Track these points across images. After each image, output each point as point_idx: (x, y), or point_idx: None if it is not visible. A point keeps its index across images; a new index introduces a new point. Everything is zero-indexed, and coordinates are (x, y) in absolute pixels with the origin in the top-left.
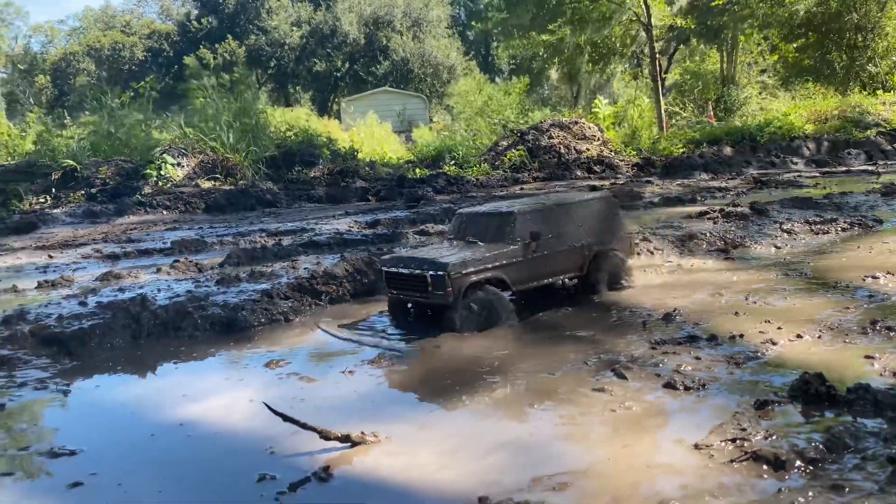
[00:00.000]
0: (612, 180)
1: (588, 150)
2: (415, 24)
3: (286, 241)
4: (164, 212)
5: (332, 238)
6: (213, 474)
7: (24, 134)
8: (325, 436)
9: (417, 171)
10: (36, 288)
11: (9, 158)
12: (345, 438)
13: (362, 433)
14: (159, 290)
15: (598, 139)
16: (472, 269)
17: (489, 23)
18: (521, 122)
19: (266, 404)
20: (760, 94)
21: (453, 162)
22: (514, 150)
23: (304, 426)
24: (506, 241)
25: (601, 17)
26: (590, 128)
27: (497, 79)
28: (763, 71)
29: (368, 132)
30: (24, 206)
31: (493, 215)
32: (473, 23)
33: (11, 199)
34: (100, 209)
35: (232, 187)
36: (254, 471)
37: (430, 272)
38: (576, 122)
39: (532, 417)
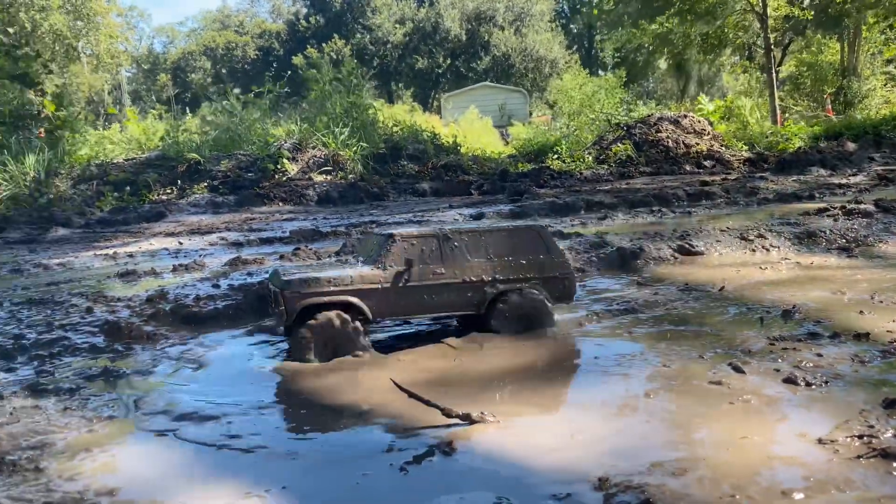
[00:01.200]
0: (724, 176)
1: (698, 144)
2: (517, 18)
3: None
4: (280, 203)
5: None
6: (342, 443)
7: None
8: (447, 413)
9: (520, 165)
10: (172, 271)
11: (139, 152)
12: (465, 417)
13: (482, 413)
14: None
15: (708, 133)
16: (314, 290)
17: (596, 11)
18: (625, 116)
19: (393, 380)
20: (885, 85)
21: (556, 156)
22: (619, 145)
23: (427, 403)
24: (376, 265)
25: (711, 8)
26: (699, 122)
27: (600, 72)
28: (889, 61)
29: (469, 127)
30: (153, 196)
31: (378, 236)
32: (582, 11)
33: (142, 190)
34: (221, 200)
35: (342, 181)
36: (379, 442)
37: (275, 288)
38: (685, 116)
39: (648, 406)
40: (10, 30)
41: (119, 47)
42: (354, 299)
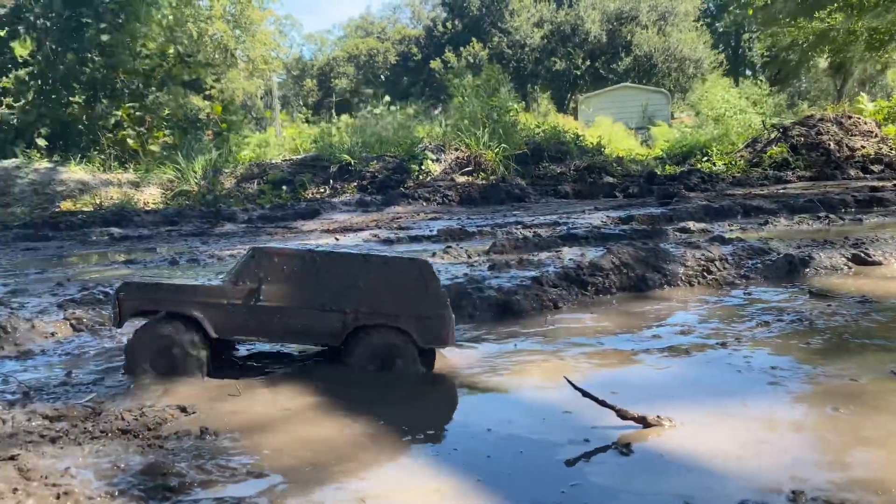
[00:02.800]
0: (895, 181)
1: (864, 147)
2: (661, 17)
3: (543, 232)
4: (424, 203)
5: (589, 232)
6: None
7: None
8: (621, 415)
9: (667, 167)
10: None
11: (294, 154)
12: (641, 420)
13: (658, 416)
14: (439, 272)
15: (876, 136)
16: (149, 296)
17: (752, 11)
18: (776, 119)
19: (567, 378)
20: None
21: (706, 159)
22: (774, 147)
23: (602, 403)
24: (231, 279)
25: (882, 2)
26: (865, 123)
27: (747, 71)
28: None
29: (608, 129)
30: (308, 194)
31: (248, 251)
32: (731, 9)
33: (298, 189)
34: (370, 199)
35: (484, 182)
36: (555, 437)
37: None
38: (849, 117)
39: (837, 420)
40: (186, 39)
41: (272, 54)
42: (194, 312)
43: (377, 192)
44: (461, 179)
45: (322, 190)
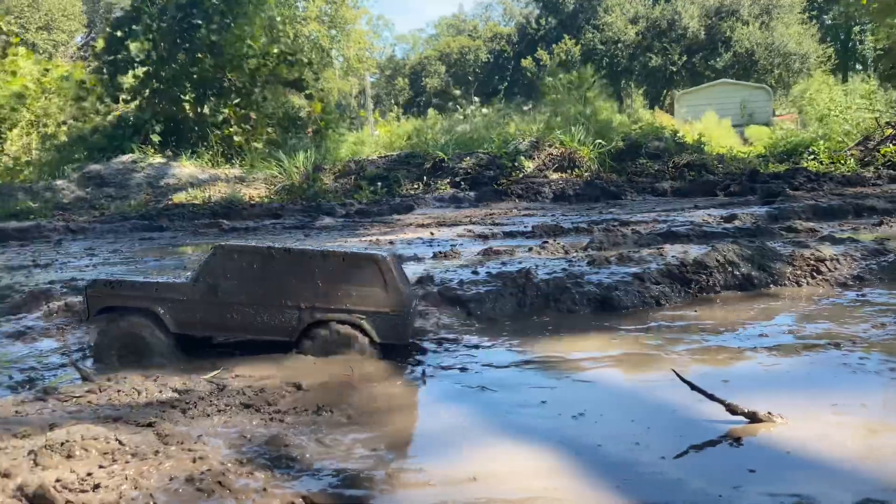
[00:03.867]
0: None
1: None
2: (764, 11)
3: (642, 229)
4: (516, 199)
5: (691, 229)
6: (633, 427)
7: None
8: (731, 409)
9: (770, 165)
10: (432, 258)
11: (388, 151)
12: (751, 415)
13: (769, 413)
14: (537, 266)
15: None
16: (115, 292)
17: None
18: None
19: (675, 371)
20: None
21: (812, 157)
22: (890, 145)
23: (711, 397)
24: (192, 275)
25: None
26: None
27: (857, 66)
28: None
29: (707, 125)
30: (402, 190)
31: (211, 248)
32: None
33: (393, 185)
34: (462, 195)
35: (577, 178)
36: (662, 429)
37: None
38: None
39: None
40: (287, 39)
41: (366, 54)
42: (156, 307)
43: (470, 189)
44: (555, 176)
45: (416, 186)
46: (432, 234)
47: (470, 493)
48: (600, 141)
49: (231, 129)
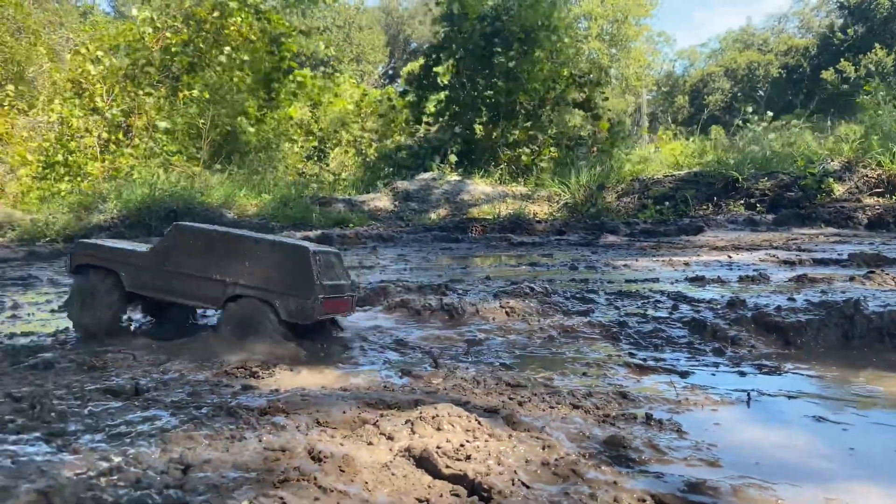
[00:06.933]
0: None
1: None
2: None
3: None
4: (823, 225)
5: None
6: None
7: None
8: None
9: None
10: (738, 281)
11: (674, 171)
12: None
13: None
14: (864, 297)
15: None
16: (90, 253)
17: None
18: None
19: None
20: None
21: None
22: None
23: None
24: (152, 247)
25: None
26: None
27: None
28: None
29: None
30: (690, 210)
31: (170, 226)
32: None
33: (680, 205)
34: (759, 218)
35: None
36: None
37: None
38: None
39: None
40: (578, 60)
41: (645, 71)
42: (115, 268)
43: (767, 211)
44: (869, 201)
45: (705, 207)
46: (730, 257)
47: None
48: None
49: (520, 150)
